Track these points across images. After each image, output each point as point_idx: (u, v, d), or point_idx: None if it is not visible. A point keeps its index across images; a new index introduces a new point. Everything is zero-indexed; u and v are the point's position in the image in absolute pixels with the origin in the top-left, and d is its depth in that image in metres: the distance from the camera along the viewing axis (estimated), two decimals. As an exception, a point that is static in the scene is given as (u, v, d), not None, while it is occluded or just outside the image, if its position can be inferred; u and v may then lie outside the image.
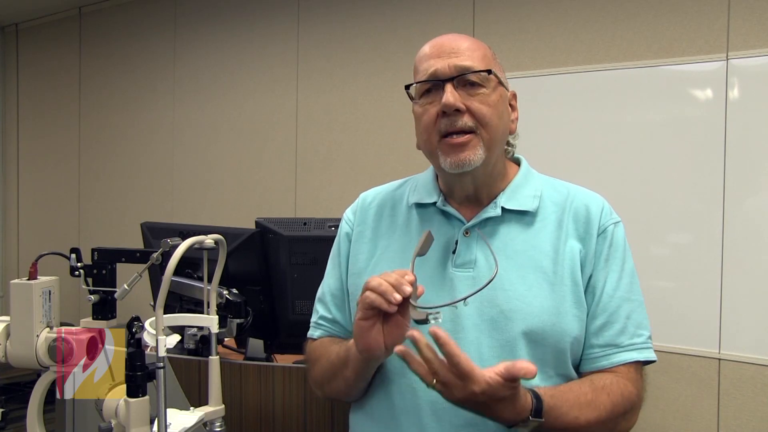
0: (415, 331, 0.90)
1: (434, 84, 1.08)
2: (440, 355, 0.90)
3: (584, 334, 1.09)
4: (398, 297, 0.95)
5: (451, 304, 1.02)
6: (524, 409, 0.94)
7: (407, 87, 1.13)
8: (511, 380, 0.89)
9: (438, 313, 0.96)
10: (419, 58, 1.12)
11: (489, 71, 1.07)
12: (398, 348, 0.91)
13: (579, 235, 1.11)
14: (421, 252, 1.06)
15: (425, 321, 0.95)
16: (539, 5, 2.67)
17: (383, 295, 0.96)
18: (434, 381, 0.90)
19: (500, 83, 1.11)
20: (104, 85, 4.23)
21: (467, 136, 1.06)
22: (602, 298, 1.09)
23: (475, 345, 1.05)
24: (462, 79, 1.07)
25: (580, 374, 1.12)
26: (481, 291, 1.06)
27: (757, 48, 2.22)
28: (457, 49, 1.08)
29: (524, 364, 0.88)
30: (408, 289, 0.95)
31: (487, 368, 0.91)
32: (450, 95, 1.05)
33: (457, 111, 1.05)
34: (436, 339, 0.89)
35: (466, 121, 1.06)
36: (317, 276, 1.29)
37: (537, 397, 0.96)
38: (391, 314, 0.98)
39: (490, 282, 1.01)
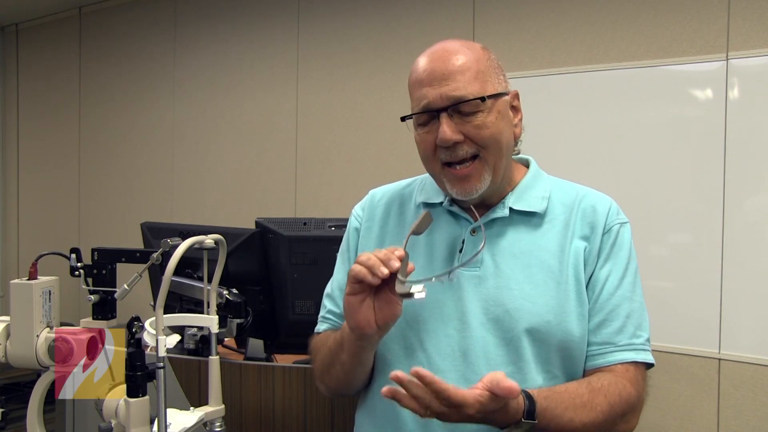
0: (398, 372, 0.89)
1: (429, 114, 1.06)
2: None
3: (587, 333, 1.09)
4: (385, 271, 0.95)
5: (436, 277, 1.00)
6: (517, 411, 0.94)
7: (403, 119, 1.11)
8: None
9: (422, 287, 0.95)
10: (412, 83, 1.09)
11: (483, 98, 1.04)
12: (384, 390, 0.91)
13: (585, 234, 1.11)
14: (417, 230, 1.05)
15: (409, 295, 0.94)
16: (539, 5, 2.67)
17: (370, 269, 0.95)
18: (427, 413, 0.90)
19: (499, 96, 1.08)
20: (104, 85, 4.23)
21: (471, 164, 1.05)
22: (602, 295, 1.08)
23: (481, 343, 1.06)
24: (456, 107, 1.04)
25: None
26: (488, 290, 1.06)
27: (757, 48, 2.22)
28: (448, 73, 1.04)
29: (508, 384, 0.88)
30: (396, 264, 0.95)
31: (474, 386, 0.91)
32: (446, 128, 1.03)
33: (456, 143, 1.04)
34: (421, 379, 0.88)
35: (467, 149, 1.05)
36: (317, 276, 1.29)
37: (530, 398, 0.96)
38: (381, 291, 0.98)
39: (475, 255, 1.02)
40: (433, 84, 1.05)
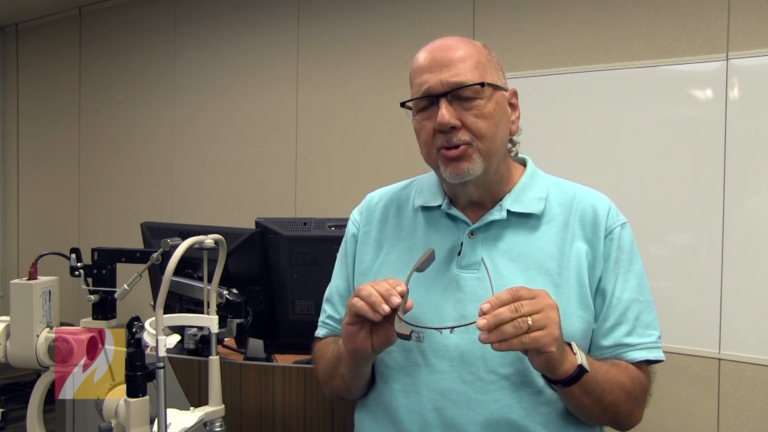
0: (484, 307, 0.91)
1: (429, 99, 1.08)
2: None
3: (590, 335, 1.09)
4: (386, 308, 0.96)
5: (437, 328, 1.03)
6: (570, 356, 0.98)
7: (403, 104, 1.12)
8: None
9: (422, 332, 0.96)
10: (413, 72, 1.10)
11: (482, 84, 1.06)
12: (481, 324, 0.91)
13: (586, 237, 1.11)
14: (421, 268, 1.06)
15: (407, 337, 0.96)
16: (539, 5, 2.67)
17: (372, 306, 0.97)
18: (528, 324, 0.91)
19: (498, 88, 1.09)
20: (104, 85, 4.23)
21: (462, 147, 1.06)
22: (612, 301, 1.09)
23: (479, 345, 1.05)
24: (456, 93, 1.06)
25: None
26: (487, 292, 1.06)
27: (757, 48, 2.22)
28: (449, 61, 1.06)
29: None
30: (397, 300, 0.96)
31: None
32: (445, 112, 1.04)
33: (453, 128, 1.05)
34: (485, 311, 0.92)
35: (461, 136, 1.06)
36: (317, 276, 1.29)
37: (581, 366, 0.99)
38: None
39: (474, 323, 1.00)
40: (434, 70, 1.07)
